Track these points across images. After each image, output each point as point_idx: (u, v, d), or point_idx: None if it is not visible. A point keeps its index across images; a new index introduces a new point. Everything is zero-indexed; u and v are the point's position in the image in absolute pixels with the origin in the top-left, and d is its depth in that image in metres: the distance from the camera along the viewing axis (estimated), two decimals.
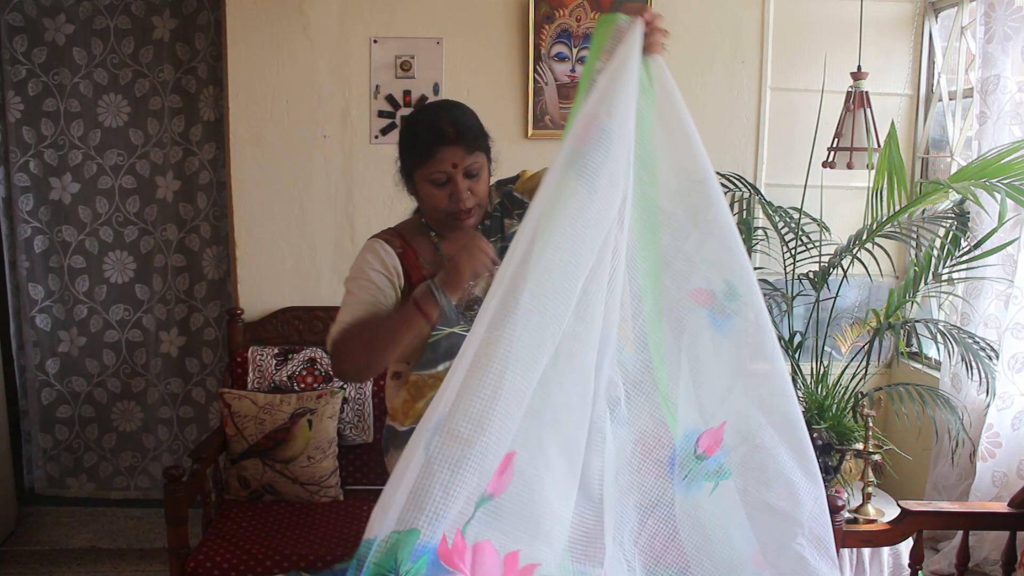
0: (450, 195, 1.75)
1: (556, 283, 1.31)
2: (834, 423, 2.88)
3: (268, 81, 3.28)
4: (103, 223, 3.72)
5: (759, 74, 3.39)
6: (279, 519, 2.84)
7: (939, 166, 3.41)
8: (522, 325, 1.27)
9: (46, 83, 3.62)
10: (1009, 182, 2.57)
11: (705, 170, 1.52)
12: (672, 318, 1.54)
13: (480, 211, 1.80)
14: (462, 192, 1.75)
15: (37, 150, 3.66)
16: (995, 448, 2.73)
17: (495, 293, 1.31)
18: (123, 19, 3.60)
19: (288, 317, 3.32)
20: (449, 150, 1.73)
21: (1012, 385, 2.72)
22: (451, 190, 1.75)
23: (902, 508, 2.21)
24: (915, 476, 3.16)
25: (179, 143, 3.67)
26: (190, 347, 3.80)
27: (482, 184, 1.78)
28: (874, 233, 2.92)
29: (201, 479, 2.74)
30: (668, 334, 1.54)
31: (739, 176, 3.29)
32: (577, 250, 1.34)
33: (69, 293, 3.76)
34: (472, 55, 3.31)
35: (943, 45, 3.33)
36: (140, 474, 3.87)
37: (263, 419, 2.93)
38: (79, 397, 3.82)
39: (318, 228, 3.35)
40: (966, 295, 2.96)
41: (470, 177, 1.75)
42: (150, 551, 3.49)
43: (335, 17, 3.27)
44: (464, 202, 1.75)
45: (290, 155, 3.32)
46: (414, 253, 1.82)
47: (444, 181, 1.75)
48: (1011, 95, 2.76)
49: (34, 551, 3.50)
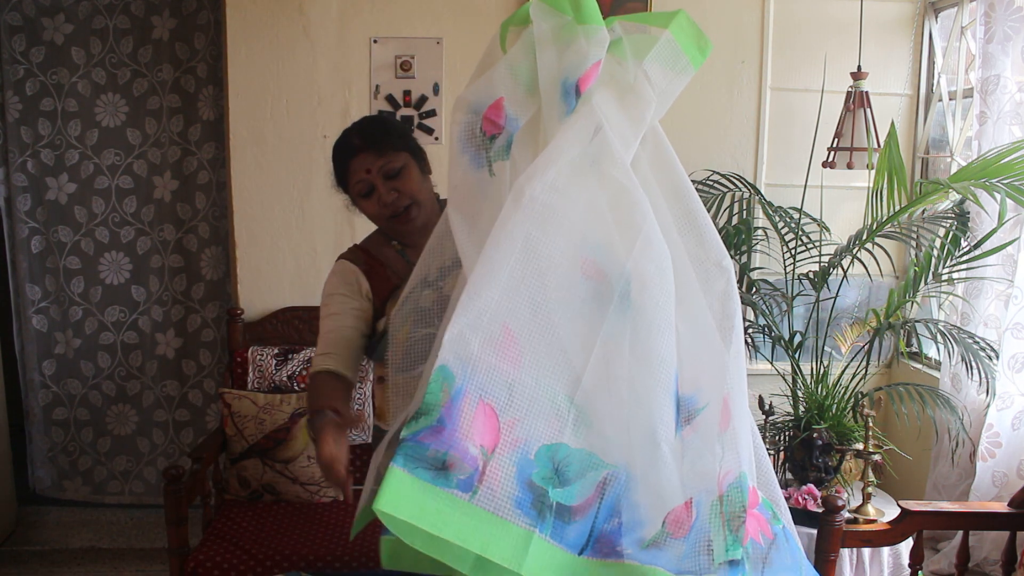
0: (377, 200, 1.78)
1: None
2: (834, 423, 2.88)
3: (268, 81, 3.28)
4: (99, 223, 3.70)
5: (759, 74, 3.39)
6: (279, 519, 2.84)
7: (939, 166, 3.41)
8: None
9: (44, 82, 3.61)
10: (1009, 182, 2.57)
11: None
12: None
13: (421, 208, 1.80)
14: (385, 195, 1.76)
15: (34, 150, 3.65)
16: (995, 448, 2.73)
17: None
18: (122, 19, 3.59)
19: (288, 317, 3.31)
20: (358, 159, 1.77)
21: (1012, 385, 2.72)
22: (376, 196, 1.78)
23: (902, 508, 2.21)
24: (915, 476, 3.16)
25: (177, 143, 3.66)
26: (187, 349, 3.79)
27: (410, 181, 1.79)
28: (874, 233, 2.92)
29: (201, 479, 2.73)
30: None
31: (739, 176, 3.29)
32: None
33: (64, 294, 3.74)
34: (472, 55, 3.26)
35: (943, 45, 3.33)
36: (135, 478, 3.85)
37: (263, 419, 2.93)
38: (74, 400, 3.80)
39: (318, 228, 3.35)
40: (966, 295, 2.96)
41: (391, 178, 1.77)
42: (150, 551, 3.48)
43: (335, 17, 3.26)
44: (391, 204, 1.77)
45: (290, 155, 3.32)
46: (381, 265, 1.84)
47: (367, 191, 1.78)
48: (1011, 95, 2.76)
49: (34, 551, 3.50)
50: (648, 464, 1.38)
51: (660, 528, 1.38)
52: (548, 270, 1.35)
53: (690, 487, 1.38)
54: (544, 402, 1.33)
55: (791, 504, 2.74)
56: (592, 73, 1.41)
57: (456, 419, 1.25)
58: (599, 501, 1.36)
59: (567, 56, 1.42)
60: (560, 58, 1.43)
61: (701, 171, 3.29)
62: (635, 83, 1.45)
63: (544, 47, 1.44)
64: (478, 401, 1.28)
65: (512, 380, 1.31)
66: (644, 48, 1.45)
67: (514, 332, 1.32)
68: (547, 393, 1.34)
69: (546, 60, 1.43)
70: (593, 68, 1.41)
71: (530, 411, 1.32)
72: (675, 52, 1.44)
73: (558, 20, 1.45)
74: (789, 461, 2.94)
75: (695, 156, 3.28)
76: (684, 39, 1.45)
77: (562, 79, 1.41)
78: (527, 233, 1.33)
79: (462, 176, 1.44)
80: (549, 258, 1.35)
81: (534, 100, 1.46)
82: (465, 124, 1.43)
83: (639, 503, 1.38)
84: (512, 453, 1.29)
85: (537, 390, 1.33)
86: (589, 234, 1.40)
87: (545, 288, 1.34)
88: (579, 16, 1.44)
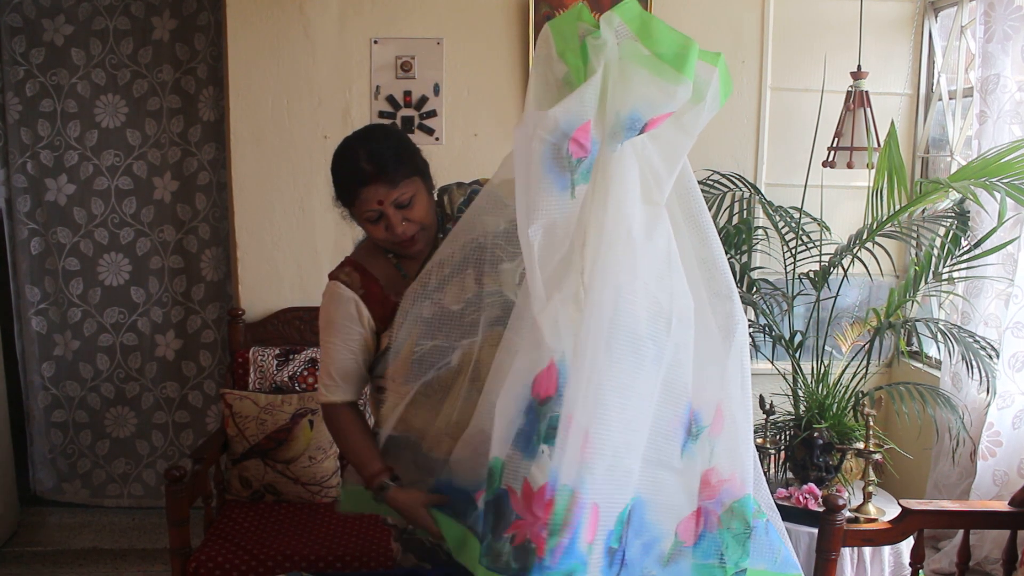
0: (386, 228, 1.73)
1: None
2: (835, 422, 2.88)
3: (268, 82, 3.28)
4: (98, 224, 3.70)
5: (759, 74, 3.39)
6: (280, 519, 2.84)
7: (939, 165, 3.41)
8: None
9: (43, 84, 3.61)
10: (1009, 181, 2.57)
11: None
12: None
13: (426, 233, 1.76)
14: (396, 226, 1.71)
15: (34, 151, 3.64)
16: (996, 447, 2.74)
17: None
18: (122, 20, 3.59)
19: (289, 317, 3.32)
20: (371, 189, 1.68)
21: (1012, 384, 2.72)
22: (385, 224, 1.72)
23: (903, 507, 2.21)
24: (916, 475, 3.16)
25: (177, 144, 3.66)
26: (187, 350, 3.79)
27: (419, 209, 1.73)
28: (874, 232, 2.92)
29: (203, 480, 2.73)
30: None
31: (739, 176, 3.29)
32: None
33: (63, 296, 3.74)
34: (472, 55, 3.31)
35: (943, 44, 3.33)
36: (133, 481, 3.84)
37: (264, 419, 2.93)
38: (73, 402, 3.80)
39: (319, 229, 3.35)
40: (966, 294, 2.96)
41: (402, 208, 1.71)
42: (152, 552, 3.49)
43: (335, 17, 3.27)
44: (401, 234, 1.72)
45: (291, 156, 3.32)
46: (377, 285, 1.78)
47: (376, 218, 1.72)
48: (1011, 94, 2.76)
49: (36, 552, 3.50)
50: (658, 487, 1.43)
51: (674, 539, 1.44)
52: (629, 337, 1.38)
53: (697, 497, 1.44)
54: (621, 474, 1.38)
55: (792, 503, 2.75)
56: (662, 119, 1.37)
57: (578, 530, 1.33)
58: (627, 532, 1.41)
59: (646, 90, 1.35)
60: (637, 88, 1.35)
61: (701, 171, 3.29)
62: (687, 124, 1.42)
63: (627, 70, 1.36)
64: (591, 504, 1.34)
65: (603, 468, 1.35)
66: (701, 70, 1.40)
67: (598, 419, 1.35)
68: (623, 466, 1.38)
69: (624, 84, 1.36)
70: (666, 115, 1.37)
71: (612, 491, 1.38)
72: (716, 92, 1.41)
73: (635, 47, 1.37)
74: (790, 460, 2.94)
75: (695, 156, 3.17)
76: (722, 81, 1.41)
77: (631, 112, 1.35)
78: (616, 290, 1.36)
79: (546, 198, 1.37)
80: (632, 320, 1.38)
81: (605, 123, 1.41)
82: (552, 145, 1.36)
83: (653, 521, 1.43)
84: (601, 534, 1.37)
85: (616, 469, 1.37)
86: (658, 279, 1.42)
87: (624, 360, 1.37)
88: (669, 57, 1.36)
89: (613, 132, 1.36)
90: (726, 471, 1.48)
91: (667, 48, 1.34)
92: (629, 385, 1.36)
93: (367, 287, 1.78)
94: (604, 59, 1.35)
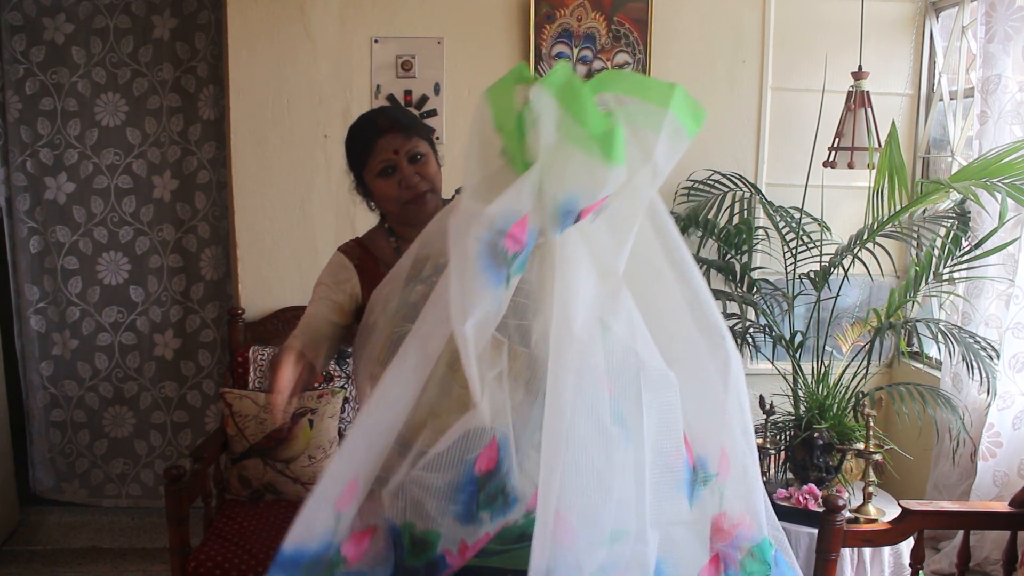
0: (399, 182, 1.78)
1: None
2: (835, 423, 2.88)
3: (269, 81, 3.28)
4: (98, 223, 3.69)
5: (760, 74, 3.39)
6: (280, 519, 2.84)
7: (940, 166, 3.41)
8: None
9: (43, 82, 3.60)
10: (1010, 182, 2.57)
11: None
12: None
13: (435, 197, 1.82)
14: (410, 176, 1.77)
15: (33, 149, 3.64)
16: (996, 448, 2.74)
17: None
18: (123, 18, 3.59)
19: (289, 317, 3.31)
20: (386, 138, 1.77)
21: (1013, 385, 2.72)
22: (399, 177, 1.78)
23: (903, 508, 2.21)
24: (916, 476, 3.16)
25: (177, 142, 3.66)
26: (185, 350, 3.78)
27: (430, 168, 1.80)
28: (875, 233, 2.92)
29: (202, 479, 2.73)
30: None
31: (740, 176, 3.29)
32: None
33: (62, 295, 3.73)
34: (473, 55, 3.30)
35: (944, 45, 3.33)
36: (132, 481, 3.83)
37: (264, 419, 2.93)
38: (71, 402, 3.79)
39: (319, 228, 3.35)
40: (967, 295, 2.96)
41: (415, 162, 1.78)
42: (151, 551, 3.48)
43: (336, 17, 3.26)
44: (415, 186, 1.77)
45: (291, 155, 3.32)
46: (373, 260, 1.86)
47: (390, 170, 1.78)
48: (1012, 95, 2.76)
49: (36, 551, 3.50)
50: (673, 543, 1.42)
51: None
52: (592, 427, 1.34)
53: (709, 543, 1.44)
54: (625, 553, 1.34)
55: (792, 504, 2.75)
56: (597, 205, 1.30)
57: None
58: None
59: (579, 174, 1.28)
60: (571, 172, 1.28)
61: (702, 171, 3.30)
62: (636, 189, 1.34)
63: (563, 151, 1.29)
64: None
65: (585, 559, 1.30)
66: (645, 125, 1.31)
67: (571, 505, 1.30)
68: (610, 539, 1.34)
69: (560, 168, 1.29)
70: (601, 201, 1.30)
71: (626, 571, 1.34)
72: (676, 130, 1.32)
73: (569, 123, 1.28)
74: (790, 461, 2.94)
75: (696, 156, 3.29)
76: (684, 115, 1.32)
77: (565, 199, 1.28)
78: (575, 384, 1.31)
79: (480, 293, 1.30)
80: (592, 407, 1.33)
81: (544, 211, 1.34)
82: (487, 242, 1.29)
83: (672, 574, 1.41)
84: None
85: (595, 551, 1.32)
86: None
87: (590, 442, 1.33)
88: (598, 138, 1.27)
89: (552, 220, 1.31)
90: (736, 515, 1.47)
91: (594, 127, 1.26)
92: (604, 470, 1.32)
93: (364, 260, 1.86)
94: (541, 139, 1.28)
